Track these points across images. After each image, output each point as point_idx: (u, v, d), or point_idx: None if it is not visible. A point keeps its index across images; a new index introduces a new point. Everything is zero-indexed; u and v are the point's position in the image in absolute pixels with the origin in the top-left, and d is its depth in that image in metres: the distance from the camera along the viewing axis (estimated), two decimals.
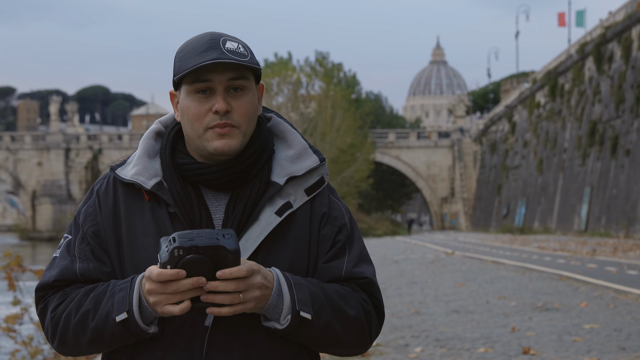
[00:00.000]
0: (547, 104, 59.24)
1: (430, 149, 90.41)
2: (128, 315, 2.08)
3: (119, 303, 2.09)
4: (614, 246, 29.44)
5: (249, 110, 2.20)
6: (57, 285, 2.21)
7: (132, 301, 2.08)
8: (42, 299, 2.23)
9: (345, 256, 2.28)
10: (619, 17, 44.86)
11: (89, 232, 2.24)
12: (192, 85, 2.18)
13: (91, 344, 2.16)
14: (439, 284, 17.47)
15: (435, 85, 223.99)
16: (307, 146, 2.32)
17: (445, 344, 9.50)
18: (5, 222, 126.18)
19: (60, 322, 2.17)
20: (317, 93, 72.97)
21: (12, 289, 8.16)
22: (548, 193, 55.22)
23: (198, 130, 2.18)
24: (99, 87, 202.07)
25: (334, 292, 2.21)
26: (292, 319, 2.12)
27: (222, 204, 2.23)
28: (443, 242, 45.74)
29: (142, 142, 2.30)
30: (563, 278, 17.30)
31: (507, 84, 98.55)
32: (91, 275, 2.21)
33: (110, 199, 2.25)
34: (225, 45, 2.17)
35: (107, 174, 2.30)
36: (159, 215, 2.21)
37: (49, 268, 2.25)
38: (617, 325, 10.46)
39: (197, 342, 2.17)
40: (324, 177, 2.32)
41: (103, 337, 2.13)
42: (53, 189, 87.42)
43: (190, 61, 2.16)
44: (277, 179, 2.25)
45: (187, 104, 2.19)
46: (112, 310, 2.09)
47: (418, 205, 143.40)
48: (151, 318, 2.10)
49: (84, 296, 2.16)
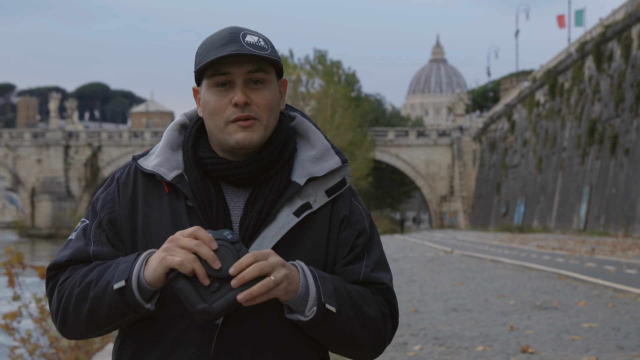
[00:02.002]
0: (546, 103, 59.25)
1: (430, 148, 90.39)
2: (125, 284, 2.07)
3: (120, 272, 2.10)
4: (612, 245, 29.45)
5: (270, 102, 2.20)
6: (68, 265, 2.23)
7: (133, 271, 2.08)
8: (52, 278, 2.24)
9: (363, 260, 2.27)
10: (619, 16, 44.85)
11: (105, 219, 2.25)
12: (212, 78, 2.19)
13: (89, 316, 2.14)
14: (437, 282, 17.48)
15: (435, 84, 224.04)
16: (329, 147, 2.31)
17: (444, 343, 9.51)
18: (4, 219, 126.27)
19: (64, 294, 2.18)
20: (317, 91, 72.99)
21: (11, 286, 8.17)
22: (547, 192, 55.23)
23: (219, 124, 2.19)
24: (98, 84, 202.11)
25: (354, 291, 2.21)
26: (318, 311, 2.11)
27: (242, 201, 2.23)
28: (442, 240, 45.75)
29: (165, 134, 2.31)
30: (562, 277, 17.31)
31: (506, 82, 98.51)
32: (104, 257, 2.22)
33: (130, 188, 2.25)
34: (245, 38, 2.18)
35: (128, 163, 2.31)
36: (176, 208, 2.21)
37: (63, 249, 2.26)
38: (615, 324, 10.47)
39: (206, 339, 2.16)
40: (346, 179, 2.31)
41: (100, 307, 2.12)
42: (52, 186, 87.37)
43: (210, 55, 2.17)
44: (297, 179, 2.25)
45: (208, 97, 2.20)
46: (112, 279, 2.10)
47: (417, 204, 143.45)
48: (149, 294, 2.10)
49: (91, 269, 2.18)
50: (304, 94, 73.08)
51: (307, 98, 72.99)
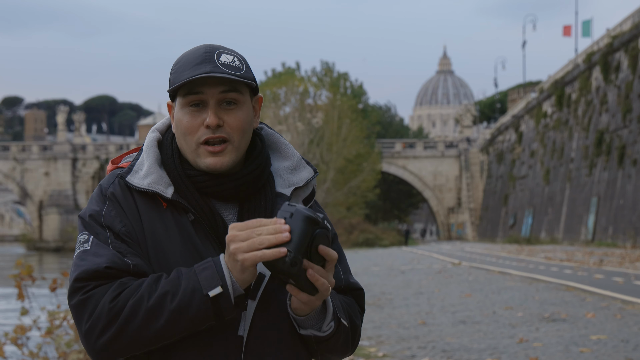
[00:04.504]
0: (554, 114, 59.19)
1: (437, 159, 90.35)
2: (222, 290, 2.06)
3: (208, 280, 2.06)
4: (621, 256, 29.36)
5: (242, 124, 2.21)
6: (108, 273, 2.11)
7: (225, 276, 2.07)
8: (83, 290, 2.11)
9: (339, 266, 2.33)
10: (626, 26, 44.85)
11: (122, 231, 2.18)
12: (185, 97, 2.20)
13: (160, 331, 2.08)
14: (445, 294, 17.46)
15: (442, 95, 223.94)
16: (300, 157, 2.36)
17: (452, 355, 9.51)
18: (12, 232, 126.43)
19: (124, 310, 2.06)
20: (324, 103, 73.10)
21: (21, 299, 8.19)
22: (555, 203, 55.13)
23: (191, 145, 2.21)
24: (106, 97, 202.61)
25: (345, 304, 2.29)
26: (335, 326, 2.17)
27: (231, 214, 2.26)
28: (449, 252, 45.67)
29: (148, 150, 2.29)
30: (570, 288, 17.28)
31: (514, 93, 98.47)
32: (143, 268, 2.15)
33: (132, 204, 2.23)
34: (219, 58, 2.19)
35: (112, 179, 2.26)
36: (180, 222, 2.22)
37: (84, 259, 2.14)
38: (624, 336, 10.45)
39: (232, 351, 2.17)
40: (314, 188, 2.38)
41: (182, 319, 2.06)
42: (60, 199, 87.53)
43: (184, 74, 2.18)
44: (282, 190, 2.30)
45: (180, 116, 2.21)
46: (197, 288, 2.06)
47: (425, 215, 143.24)
48: (238, 294, 2.09)
49: (155, 282, 2.10)
50: (311, 106, 73.19)
51: (314, 110, 73.09)
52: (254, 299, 2.17)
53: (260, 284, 2.18)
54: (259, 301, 2.18)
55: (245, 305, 2.16)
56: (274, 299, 2.20)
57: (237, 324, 2.16)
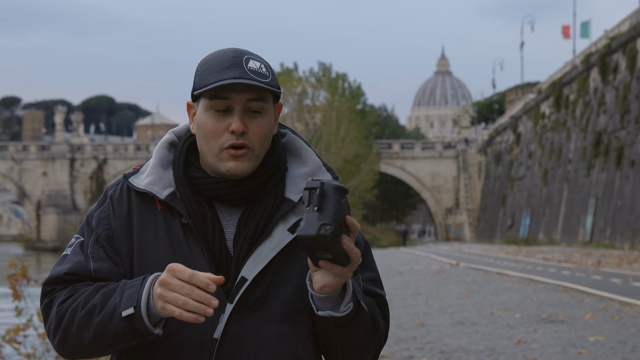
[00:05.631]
0: (552, 115, 59.23)
1: (435, 160, 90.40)
2: (135, 311, 2.06)
3: (127, 299, 2.07)
4: (619, 257, 29.37)
5: (266, 132, 2.20)
6: (68, 278, 2.19)
7: (141, 297, 2.06)
8: (49, 294, 2.21)
9: (358, 275, 2.27)
10: (624, 27, 44.88)
11: (102, 235, 2.22)
12: (210, 101, 2.17)
13: (93, 341, 2.12)
14: (443, 295, 17.45)
15: (440, 96, 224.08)
16: (321, 164, 2.32)
17: (450, 356, 9.49)
18: (10, 232, 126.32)
19: (65, 316, 2.14)
20: (322, 103, 73.14)
21: (16, 299, 8.17)
22: (553, 204, 55.14)
23: (213, 149, 2.18)
24: (104, 97, 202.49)
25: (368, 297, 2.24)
26: (354, 306, 2.12)
27: (234, 218, 2.23)
28: (447, 253, 45.69)
29: (156, 152, 2.30)
30: (568, 290, 17.27)
31: (512, 94, 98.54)
32: (104, 273, 2.19)
33: (125, 206, 2.24)
34: (247, 64, 2.16)
35: (120, 180, 2.30)
36: (171, 226, 2.21)
37: (59, 264, 2.23)
38: (622, 337, 10.43)
39: (206, 354, 2.15)
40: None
41: (106, 333, 2.10)
42: (58, 199, 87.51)
43: (212, 77, 2.15)
44: (291, 196, 2.25)
45: (204, 119, 2.19)
46: (119, 306, 2.08)
47: (423, 216, 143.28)
48: (157, 319, 2.08)
49: (94, 292, 2.14)
50: (310, 106, 73.23)
51: (312, 111, 73.13)
52: (232, 302, 2.14)
53: (240, 288, 2.15)
54: (237, 305, 2.14)
55: (223, 308, 2.14)
56: (257, 304, 2.17)
57: (216, 326, 2.14)
